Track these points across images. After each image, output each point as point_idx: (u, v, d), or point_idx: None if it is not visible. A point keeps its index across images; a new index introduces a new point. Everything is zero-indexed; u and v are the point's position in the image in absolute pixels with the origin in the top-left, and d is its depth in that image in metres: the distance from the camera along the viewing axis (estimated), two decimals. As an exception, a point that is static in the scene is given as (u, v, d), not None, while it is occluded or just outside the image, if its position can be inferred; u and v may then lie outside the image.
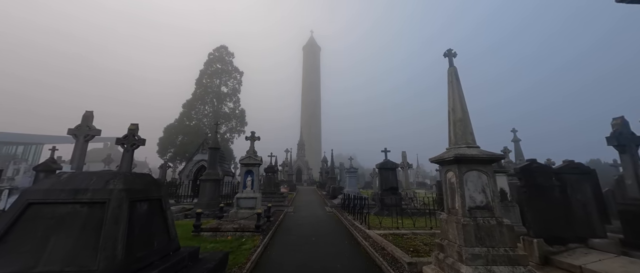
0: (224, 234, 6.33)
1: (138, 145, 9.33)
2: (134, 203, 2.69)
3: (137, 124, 9.67)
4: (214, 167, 10.22)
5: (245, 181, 8.58)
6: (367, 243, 5.55)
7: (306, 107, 64.81)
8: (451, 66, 4.14)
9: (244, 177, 8.59)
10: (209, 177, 9.83)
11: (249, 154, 8.74)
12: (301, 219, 9.10)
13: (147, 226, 2.86)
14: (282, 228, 7.44)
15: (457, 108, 3.91)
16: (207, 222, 8.02)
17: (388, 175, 11.37)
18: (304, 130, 51.32)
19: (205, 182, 9.80)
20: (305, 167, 40.50)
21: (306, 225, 7.93)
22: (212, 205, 9.42)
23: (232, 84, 40.07)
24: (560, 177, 4.14)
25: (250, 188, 8.51)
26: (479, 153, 3.53)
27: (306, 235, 6.66)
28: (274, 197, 14.58)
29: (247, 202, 8.29)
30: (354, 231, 6.70)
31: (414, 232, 6.37)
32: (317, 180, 36.80)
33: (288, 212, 10.96)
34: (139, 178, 2.91)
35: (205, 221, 8.07)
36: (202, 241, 5.79)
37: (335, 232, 6.98)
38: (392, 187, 11.23)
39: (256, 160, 8.63)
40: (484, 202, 3.47)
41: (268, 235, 6.35)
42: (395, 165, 11.45)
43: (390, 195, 11.06)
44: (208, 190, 9.72)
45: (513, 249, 3.23)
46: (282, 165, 27.01)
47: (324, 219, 9.23)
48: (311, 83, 66.60)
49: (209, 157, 10.23)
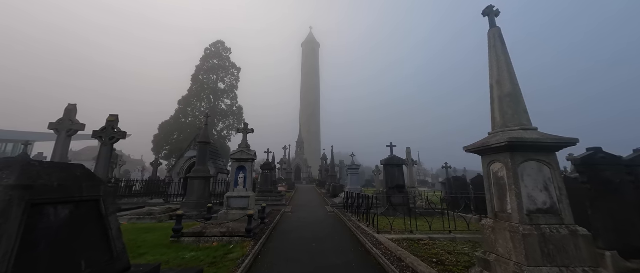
0: (208, 240, 5.40)
1: (117, 139, 8.36)
2: (42, 207, 1.76)
3: (116, 115, 8.70)
4: (204, 163, 9.27)
5: (236, 178, 7.66)
6: (379, 251, 4.63)
7: (305, 105, 63.80)
8: (493, 27, 3.21)
9: (235, 173, 7.66)
10: (198, 174, 8.88)
11: (241, 148, 7.80)
12: (300, 221, 8.18)
13: (69, 240, 1.92)
14: (278, 232, 6.51)
15: (504, 79, 2.99)
16: (194, 224, 7.10)
17: (394, 172, 10.46)
18: (303, 127, 50.36)
19: (193, 179, 8.85)
20: (305, 165, 39.58)
21: (305, 228, 7.01)
22: (201, 205, 8.47)
23: (229, 80, 39.10)
24: (634, 170, 3.24)
25: (242, 187, 7.58)
26: (542, 138, 2.61)
27: (306, 240, 5.74)
28: (271, 196, 13.66)
29: (238, 201, 7.37)
30: (361, 235, 5.78)
31: (431, 237, 5.46)
32: (316, 178, 35.91)
33: (286, 213, 10.03)
34: (56, 170, 1.96)
35: (191, 223, 7.16)
36: (181, 249, 4.86)
37: (339, 237, 6.06)
38: (399, 185, 10.33)
39: (249, 154, 7.69)
40: (547, 203, 2.55)
41: (261, 240, 5.43)
42: (402, 161, 10.55)
43: (397, 193, 10.17)
44: (196, 188, 8.78)
45: (595, 269, 2.31)
46: (280, 163, 26.09)
47: (325, 221, 8.31)
48: (310, 80, 65.56)
49: (198, 152, 9.28)
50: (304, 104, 64.24)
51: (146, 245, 4.98)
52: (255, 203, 7.93)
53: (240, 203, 7.35)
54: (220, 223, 5.92)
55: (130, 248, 4.80)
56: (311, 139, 55.67)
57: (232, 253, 4.66)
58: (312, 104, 63.62)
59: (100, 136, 8.28)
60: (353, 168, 14.73)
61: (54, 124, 12.49)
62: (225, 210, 7.27)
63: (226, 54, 39.11)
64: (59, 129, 12.53)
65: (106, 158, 8.21)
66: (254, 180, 19.29)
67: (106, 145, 8.26)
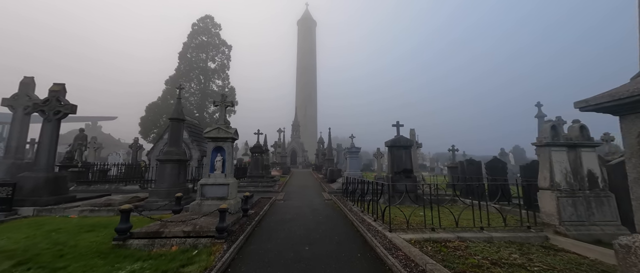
0: (166, 242, 4.05)
1: (65, 114, 6.77)
2: None
3: (62, 85, 7.05)
4: (177, 144, 7.79)
5: (213, 162, 6.23)
6: (396, 260, 3.32)
7: (301, 86, 61.52)
8: None
9: (211, 156, 6.22)
10: (170, 157, 7.43)
11: (218, 125, 6.31)
12: (292, 211, 6.89)
13: None
14: (263, 229, 5.19)
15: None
16: (160, 217, 5.75)
17: (401, 154, 9.13)
18: (299, 110, 48.62)
19: (164, 163, 7.41)
20: (301, 148, 38.31)
21: (298, 222, 5.71)
22: (173, 194, 7.09)
23: (219, 59, 36.75)
24: None
25: (220, 172, 6.17)
26: None
27: (297, 240, 4.43)
28: (263, 182, 12.36)
29: (215, 190, 5.99)
30: (368, 233, 4.48)
31: (460, 236, 4.18)
32: (313, 162, 34.78)
33: (276, 201, 8.75)
34: None
35: (156, 216, 5.81)
36: (122, 258, 3.50)
37: (340, 235, 4.76)
38: (406, 170, 9.04)
39: (227, 132, 6.22)
40: None
41: (237, 242, 4.10)
42: (410, 142, 9.19)
43: (404, 179, 8.90)
44: (168, 174, 7.36)
45: None
46: (274, 146, 24.70)
47: (322, 211, 7.03)
48: (306, 60, 62.82)
49: (170, 132, 7.76)
50: (300, 85, 61.95)
51: (74, 252, 3.60)
52: (237, 192, 6.56)
53: (217, 192, 5.98)
54: (185, 220, 4.55)
55: (48, 258, 3.43)
56: (307, 122, 54.10)
57: (191, 264, 3.32)
58: (308, 86, 61.38)
59: (42, 110, 6.68)
60: (353, 151, 13.40)
61: (7, 100, 10.67)
62: (199, 201, 5.91)
63: (216, 30, 36.46)
64: (14, 106, 10.72)
65: (51, 136, 6.67)
66: (244, 164, 17.92)
67: (50, 120, 6.68)
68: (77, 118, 50.91)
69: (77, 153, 12.16)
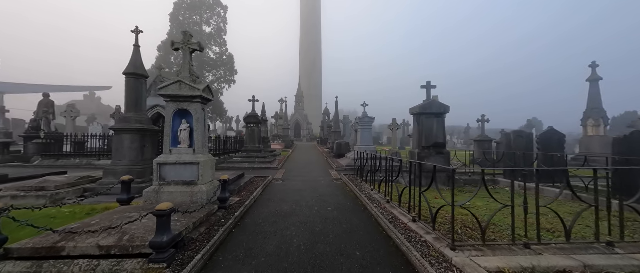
0: (66, 270, 2.29)
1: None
2: None
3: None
4: (138, 109, 5.88)
5: (174, 131, 4.34)
6: None
7: (305, 53, 57.68)
8: None
9: (172, 122, 4.31)
10: (127, 126, 5.57)
11: (180, 77, 4.30)
12: (291, 198, 5.13)
13: None
14: (244, 233, 3.42)
15: None
16: (106, 207, 4.06)
17: (432, 125, 7.11)
18: (302, 80, 45.74)
19: (120, 134, 5.57)
20: (305, 121, 36.38)
21: (297, 218, 3.93)
22: (136, 174, 5.34)
23: (215, 22, 33.55)
24: None
25: (186, 146, 4.31)
26: None
27: (294, 260, 2.65)
28: (259, 157, 10.62)
29: (179, 171, 4.18)
30: (414, 250, 2.66)
31: (586, 264, 2.31)
32: (317, 135, 33.03)
33: (274, 182, 7.03)
34: None
35: (101, 206, 4.15)
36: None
37: (365, 248, 2.97)
38: (438, 144, 7.09)
39: (194, 89, 4.23)
40: None
41: (190, 266, 2.32)
42: (444, 108, 7.09)
43: (435, 156, 6.98)
44: (127, 148, 5.56)
45: None
46: (275, 117, 22.77)
47: (331, 198, 5.26)
48: (311, 24, 58.14)
49: (127, 92, 5.79)
50: (304, 51, 58.07)
51: None
52: (213, 173, 4.75)
53: (182, 174, 4.17)
54: (112, 226, 2.75)
55: None
56: (312, 93, 51.45)
57: None
58: (312, 51, 57.48)
59: None
60: (365, 121, 11.36)
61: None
62: (157, 186, 4.12)
63: (209, -12, 32.71)
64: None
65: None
66: (241, 137, 16.13)
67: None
68: (72, 88, 49.12)
69: (44, 122, 10.44)
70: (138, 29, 5.87)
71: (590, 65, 12.07)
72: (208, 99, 4.59)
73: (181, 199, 4.04)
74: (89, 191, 5.04)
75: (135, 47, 5.84)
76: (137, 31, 5.86)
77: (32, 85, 43.54)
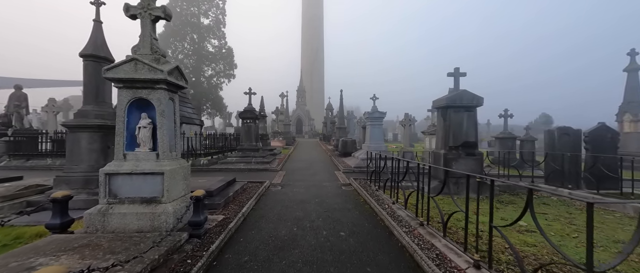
0: None
1: None
2: None
3: None
4: (99, 100, 4.71)
5: (131, 128, 3.16)
6: None
7: (307, 46, 56.11)
8: None
9: (126, 117, 3.13)
10: (84, 122, 4.41)
11: (136, 54, 3.11)
12: (291, 214, 3.97)
13: None
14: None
15: None
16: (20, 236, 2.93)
17: (461, 120, 5.89)
18: (304, 74, 44.32)
19: (76, 132, 4.42)
20: (307, 116, 35.15)
21: (300, 252, 2.78)
22: (95, 182, 4.20)
23: (213, 13, 32.15)
24: None
25: (147, 149, 3.13)
26: None
27: None
28: (257, 157, 9.46)
29: (137, 184, 3.02)
30: None
31: None
32: (320, 132, 31.85)
33: (271, 188, 5.88)
34: None
35: (31, 230, 3.03)
36: None
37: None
38: (468, 143, 5.90)
39: (156, 71, 3.03)
40: None
41: None
42: (477, 101, 5.85)
43: (464, 157, 5.80)
44: (85, 150, 4.41)
45: None
46: (275, 113, 21.58)
47: (343, 215, 4.09)
48: (313, 16, 56.43)
49: (85, 78, 4.62)
50: (306, 44, 56.50)
51: None
52: (183, 186, 3.56)
53: (141, 188, 3.00)
54: None
55: None
56: (314, 88, 50.10)
57: None
58: (315, 43, 55.89)
59: None
60: (375, 116, 10.11)
61: None
62: (104, 206, 2.96)
63: (206, -23, 31.30)
64: None
65: None
66: (238, 133, 14.94)
67: None
68: (69, 82, 48.03)
69: (15, 117, 9.34)
70: (99, 1, 4.65)
71: (629, 53, 10.69)
72: (178, 85, 3.40)
73: (138, 224, 2.89)
74: (33, 205, 3.91)
75: (95, 22, 4.64)
76: (98, 3, 4.65)
77: (30, 80, 42.58)
